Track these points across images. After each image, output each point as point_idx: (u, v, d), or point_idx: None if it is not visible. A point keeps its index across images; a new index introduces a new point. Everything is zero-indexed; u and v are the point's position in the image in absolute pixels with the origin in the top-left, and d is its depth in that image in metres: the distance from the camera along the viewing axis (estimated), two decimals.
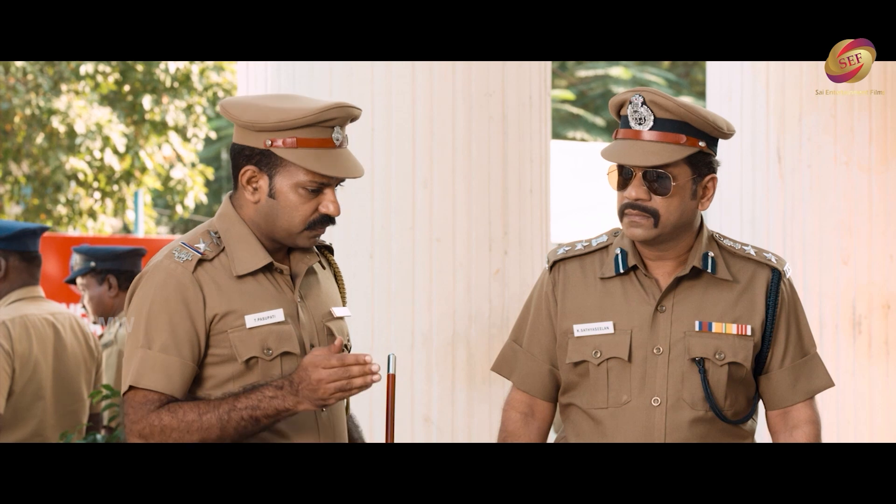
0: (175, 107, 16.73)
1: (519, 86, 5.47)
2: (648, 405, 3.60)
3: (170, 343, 3.41)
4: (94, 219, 16.89)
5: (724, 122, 3.62)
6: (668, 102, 3.57)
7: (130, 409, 3.39)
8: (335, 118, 3.44)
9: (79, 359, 5.73)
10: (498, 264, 5.39)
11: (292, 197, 3.45)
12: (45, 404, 5.61)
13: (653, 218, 3.57)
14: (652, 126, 3.57)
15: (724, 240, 3.72)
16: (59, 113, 15.87)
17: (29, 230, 5.68)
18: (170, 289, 3.42)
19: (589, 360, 3.65)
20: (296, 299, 3.52)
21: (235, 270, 3.46)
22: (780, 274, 3.68)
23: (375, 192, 5.27)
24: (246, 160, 3.47)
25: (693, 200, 3.61)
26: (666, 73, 25.81)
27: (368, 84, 5.27)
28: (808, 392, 3.70)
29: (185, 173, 17.15)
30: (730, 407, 3.64)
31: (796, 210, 6.90)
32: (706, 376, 3.60)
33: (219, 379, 3.45)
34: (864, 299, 6.91)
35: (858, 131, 6.91)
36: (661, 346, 3.61)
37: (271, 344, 3.45)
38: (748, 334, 3.64)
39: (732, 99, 7.08)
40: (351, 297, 5.26)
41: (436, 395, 5.24)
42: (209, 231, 3.52)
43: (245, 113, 3.45)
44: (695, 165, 3.59)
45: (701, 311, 3.63)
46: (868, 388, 6.90)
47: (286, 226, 3.47)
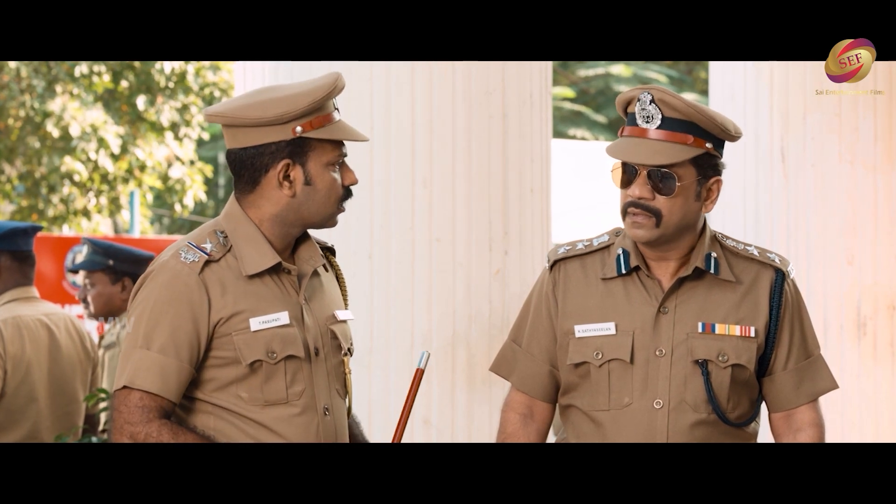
0: (170, 107, 16.74)
1: (519, 84, 5.47)
2: (650, 407, 3.60)
3: (169, 345, 3.40)
4: (88, 218, 16.91)
5: (731, 125, 3.62)
6: (677, 102, 3.57)
7: (124, 408, 3.39)
8: (343, 86, 3.51)
9: (74, 360, 5.73)
10: (498, 264, 5.40)
11: (328, 177, 3.49)
12: (39, 406, 5.61)
13: (655, 218, 3.57)
14: (659, 125, 3.58)
15: (728, 240, 3.72)
16: (54, 115, 15.88)
17: (20, 229, 5.68)
18: (174, 290, 3.43)
19: (590, 362, 3.64)
20: (301, 301, 3.53)
21: (245, 270, 3.47)
22: (783, 275, 3.67)
23: (374, 192, 5.28)
24: (273, 157, 3.47)
25: (697, 202, 3.61)
26: (668, 70, 25.81)
27: (367, 82, 5.27)
28: (812, 394, 3.70)
29: (183, 172, 17.16)
30: (733, 409, 3.63)
31: (800, 210, 6.89)
32: (709, 378, 3.60)
33: (221, 381, 3.46)
34: (870, 300, 6.91)
35: (863, 130, 6.91)
36: (663, 348, 3.61)
37: (276, 347, 3.46)
38: (752, 336, 3.63)
39: (735, 97, 7.07)
40: (350, 298, 5.27)
41: (435, 396, 5.25)
42: (215, 231, 3.52)
43: (269, 109, 3.45)
44: (700, 167, 3.59)
45: (704, 313, 3.63)
46: (873, 390, 6.91)
47: (324, 209, 3.51)
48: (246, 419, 3.46)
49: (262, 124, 3.46)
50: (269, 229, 3.51)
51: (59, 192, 16.39)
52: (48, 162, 16.07)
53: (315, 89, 3.46)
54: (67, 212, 16.63)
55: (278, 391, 3.47)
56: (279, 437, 3.45)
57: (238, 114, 3.47)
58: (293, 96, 3.45)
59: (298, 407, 3.49)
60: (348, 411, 3.68)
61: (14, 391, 5.56)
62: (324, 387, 3.54)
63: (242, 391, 3.46)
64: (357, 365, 5.23)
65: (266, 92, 3.53)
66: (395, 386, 5.26)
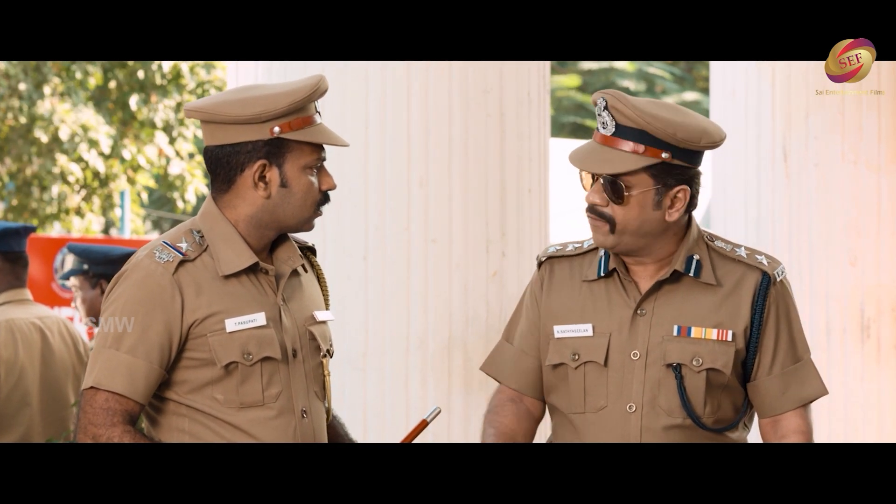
0: (164, 106, 16.76)
1: (517, 82, 5.46)
2: (624, 411, 3.59)
3: (138, 346, 3.40)
4: (80, 216, 16.93)
5: (697, 133, 3.54)
6: (626, 108, 3.51)
7: (90, 408, 3.39)
8: (325, 89, 3.50)
9: (67, 364, 5.73)
10: (496, 266, 5.40)
11: (304, 180, 3.48)
12: (32, 411, 5.61)
13: (609, 224, 3.55)
14: (614, 132, 3.53)
15: (717, 241, 3.69)
16: (43, 120, 15.89)
17: (11, 229, 5.67)
18: (146, 289, 3.42)
19: (567, 363, 3.65)
20: (279, 302, 3.53)
21: (221, 270, 3.47)
22: (770, 278, 3.63)
23: (369, 192, 5.27)
24: (250, 157, 3.47)
25: (657, 211, 3.56)
26: (671, 66, 25.82)
27: (363, 80, 5.27)
28: (800, 400, 3.64)
29: (182, 168, 17.18)
30: (710, 414, 3.60)
31: (803, 210, 6.90)
32: (682, 382, 3.58)
33: (196, 383, 3.46)
34: (873, 302, 6.92)
35: (867, 129, 6.92)
36: (638, 351, 3.60)
37: (252, 349, 3.46)
38: (729, 340, 3.60)
39: (737, 95, 7.08)
40: (344, 300, 5.28)
41: (431, 401, 5.24)
42: (192, 230, 3.52)
43: (247, 107, 3.45)
44: (657, 176, 3.54)
45: (681, 316, 3.61)
46: (877, 394, 6.91)
47: (299, 212, 3.50)
48: (221, 421, 3.46)
49: (239, 122, 3.46)
50: (245, 230, 3.51)
51: (49, 192, 16.41)
52: (41, 166, 16.09)
53: (296, 90, 3.47)
54: (60, 210, 16.65)
55: (254, 393, 3.47)
56: (254, 440, 3.45)
57: (216, 110, 3.47)
58: (273, 96, 3.45)
59: (275, 409, 3.49)
60: (327, 414, 3.67)
61: (7, 396, 5.56)
62: (301, 389, 3.54)
63: (217, 393, 3.46)
64: (351, 368, 5.24)
65: (248, 90, 3.53)
66: (391, 390, 5.27)
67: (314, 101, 3.51)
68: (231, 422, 3.46)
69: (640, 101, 3.55)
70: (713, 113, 7.38)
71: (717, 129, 3.60)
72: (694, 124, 3.56)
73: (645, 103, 3.55)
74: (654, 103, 3.59)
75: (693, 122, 3.57)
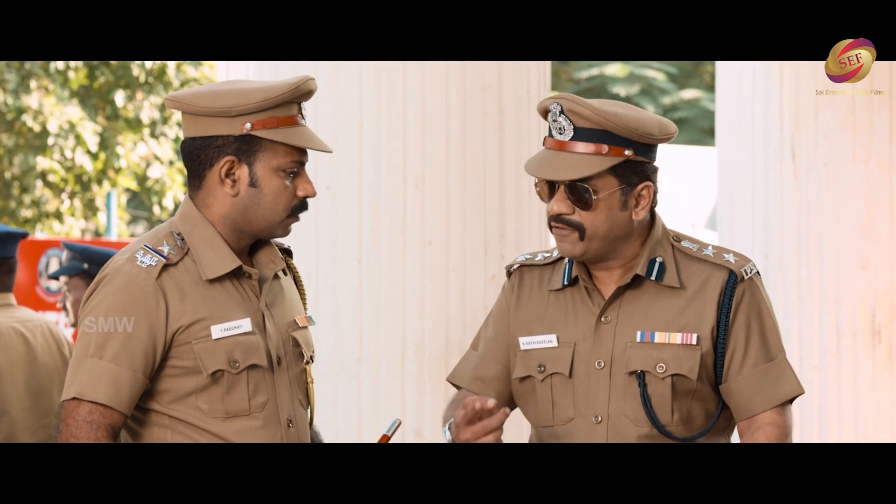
0: (150, 103, 16.79)
1: (516, 80, 5.46)
2: (591, 422, 3.59)
3: (122, 354, 3.39)
4: (60, 221, 16.95)
5: (655, 126, 3.59)
6: (584, 110, 3.53)
7: (72, 421, 3.37)
8: (310, 90, 3.50)
9: (51, 369, 5.73)
10: (494, 269, 5.39)
11: (275, 182, 3.47)
12: (12, 419, 5.63)
13: (578, 231, 3.56)
14: (572, 136, 3.55)
15: (683, 241, 3.68)
16: (31, 111, 15.93)
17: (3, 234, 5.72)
18: (130, 295, 3.41)
19: (534, 376, 3.65)
20: (262, 308, 3.53)
21: (204, 274, 3.46)
22: (737, 276, 3.62)
23: (364, 194, 5.28)
24: (219, 152, 3.47)
25: (624, 211, 3.58)
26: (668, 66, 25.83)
27: (357, 78, 5.27)
28: (775, 400, 3.61)
29: (162, 172, 17.20)
30: (679, 422, 3.59)
31: (812, 211, 6.89)
32: (646, 391, 3.57)
33: (179, 392, 3.45)
34: (885, 306, 6.92)
35: (878, 128, 6.91)
36: (602, 360, 3.60)
37: (238, 356, 3.46)
38: (694, 343, 3.58)
39: (743, 93, 7.08)
40: (338, 305, 5.29)
41: (428, 407, 5.26)
42: (172, 233, 3.51)
43: (219, 99, 3.45)
44: (622, 175, 3.57)
45: (645, 321, 3.59)
46: (889, 401, 6.89)
47: (269, 215, 3.49)
48: (205, 432, 3.46)
49: (210, 114, 3.46)
50: (223, 231, 3.51)
51: (31, 194, 16.44)
52: (22, 161, 16.12)
53: (272, 87, 3.47)
54: (40, 214, 16.67)
55: (240, 402, 3.47)
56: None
57: (190, 100, 3.48)
58: (248, 91, 3.46)
59: (260, 419, 3.49)
60: (310, 422, 3.68)
61: None
62: (287, 398, 3.55)
63: (202, 402, 3.46)
64: (346, 375, 5.27)
65: (229, 84, 3.54)
66: (386, 397, 5.27)
67: (297, 102, 3.51)
68: (215, 432, 3.46)
69: (595, 102, 3.59)
70: (719, 111, 7.41)
71: (667, 120, 3.65)
72: (649, 117, 3.61)
73: (600, 103, 3.59)
74: (608, 102, 3.63)
75: (647, 115, 3.62)
